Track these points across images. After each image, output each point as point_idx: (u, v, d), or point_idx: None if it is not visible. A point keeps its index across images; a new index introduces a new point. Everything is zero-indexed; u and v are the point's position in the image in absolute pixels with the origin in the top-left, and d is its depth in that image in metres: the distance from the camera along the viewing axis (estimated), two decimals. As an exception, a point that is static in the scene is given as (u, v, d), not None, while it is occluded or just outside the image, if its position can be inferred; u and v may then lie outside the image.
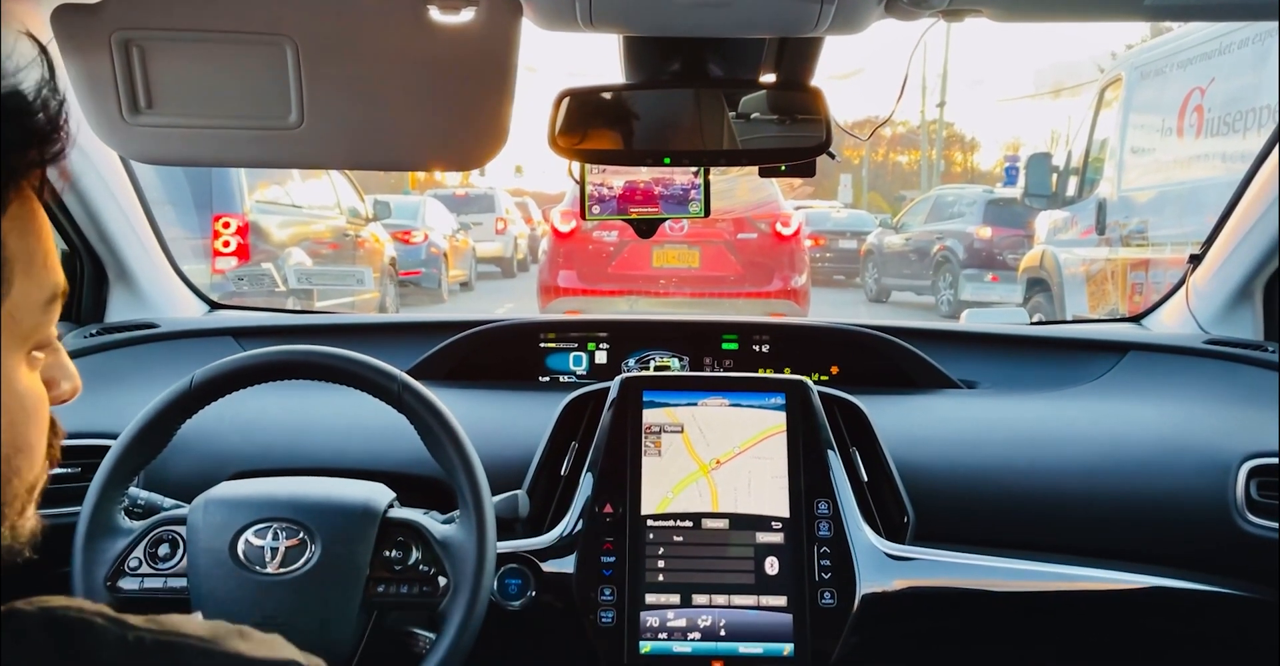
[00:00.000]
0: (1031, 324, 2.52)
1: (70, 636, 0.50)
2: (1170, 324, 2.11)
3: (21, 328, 0.58)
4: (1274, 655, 1.56)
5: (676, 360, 1.97)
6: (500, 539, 1.32)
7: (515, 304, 12.11)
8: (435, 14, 1.23)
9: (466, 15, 1.24)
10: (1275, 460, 1.56)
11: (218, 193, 6.50)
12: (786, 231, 8.22)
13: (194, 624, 0.56)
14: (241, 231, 6.55)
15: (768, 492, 1.49)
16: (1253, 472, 1.56)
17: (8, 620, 0.50)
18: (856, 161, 34.13)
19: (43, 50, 0.58)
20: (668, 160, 1.46)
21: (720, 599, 1.43)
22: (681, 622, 1.42)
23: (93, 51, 1.20)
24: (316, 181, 8.23)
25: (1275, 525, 1.53)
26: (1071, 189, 7.51)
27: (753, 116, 1.52)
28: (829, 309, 11.48)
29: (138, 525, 1.30)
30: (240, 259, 6.56)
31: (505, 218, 17.54)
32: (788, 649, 1.40)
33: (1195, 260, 2.05)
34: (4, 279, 0.55)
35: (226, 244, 6.46)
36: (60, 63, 1.24)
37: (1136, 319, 2.23)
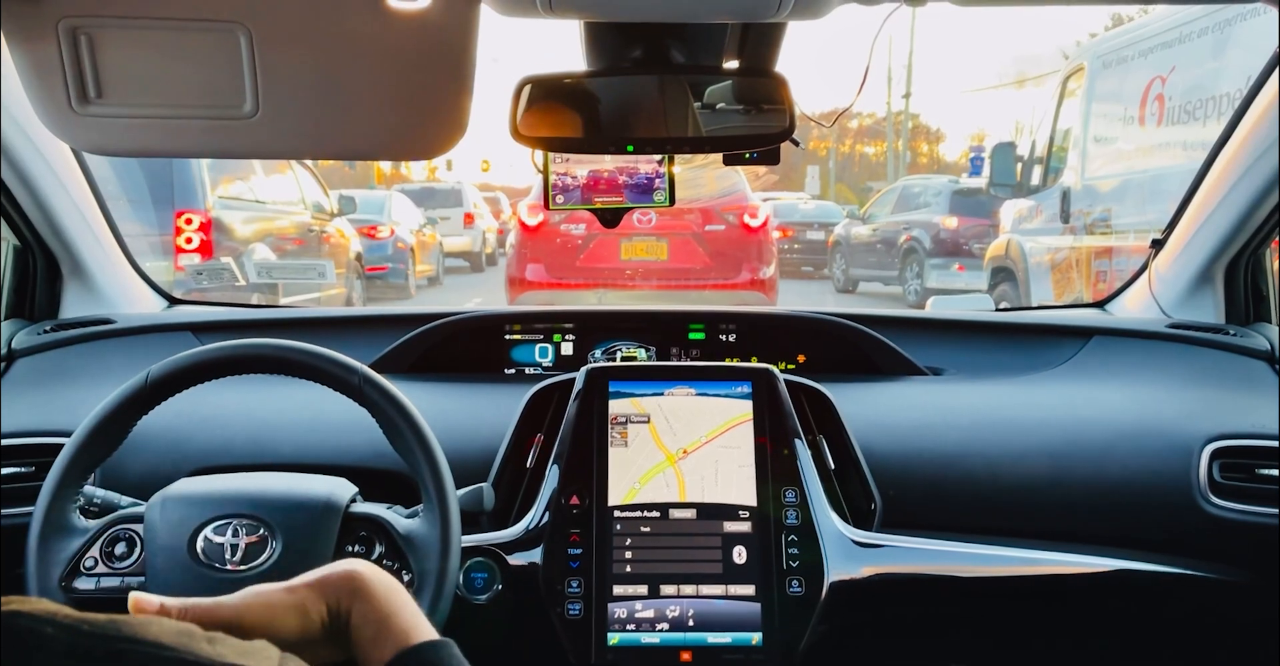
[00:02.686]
0: (997, 310, 2.53)
1: (15, 647, 0.49)
2: (1133, 309, 2.12)
3: None
4: (1238, 634, 1.58)
5: (643, 350, 1.96)
6: (465, 532, 1.31)
7: (483, 298, 12.05)
8: (392, 0, 1.21)
9: (424, 2, 1.22)
10: (1238, 442, 1.58)
11: (179, 188, 6.41)
12: (754, 223, 8.24)
13: (159, 626, 0.53)
14: (204, 227, 6.47)
15: (735, 482, 1.48)
16: (1215, 454, 1.57)
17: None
18: (823, 153, 34.29)
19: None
20: (631, 148, 1.45)
21: (688, 589, 1.42)
22: (649, 613, 1.41)
23: (39, 39, 1.17)
24: (280, 176, 8.14)
25: (1238, 506, 1.55)
26: (1036, 178, 7.58)
27: (718, 107, 1.51)
28: (798, 300, 11.50)
29: (93, 524, 1.27)
30: (203, 255, 6.48)
31: (473, 212, 17.50)
32: (756, 638, 1.40)
33: (1157, 245, 2.06)
34: None
35: (189, 240, 6.38)
36: (5, 51, 1.21)
37: (1101, 304, 2.24)
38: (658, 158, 1.55)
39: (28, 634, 0.49)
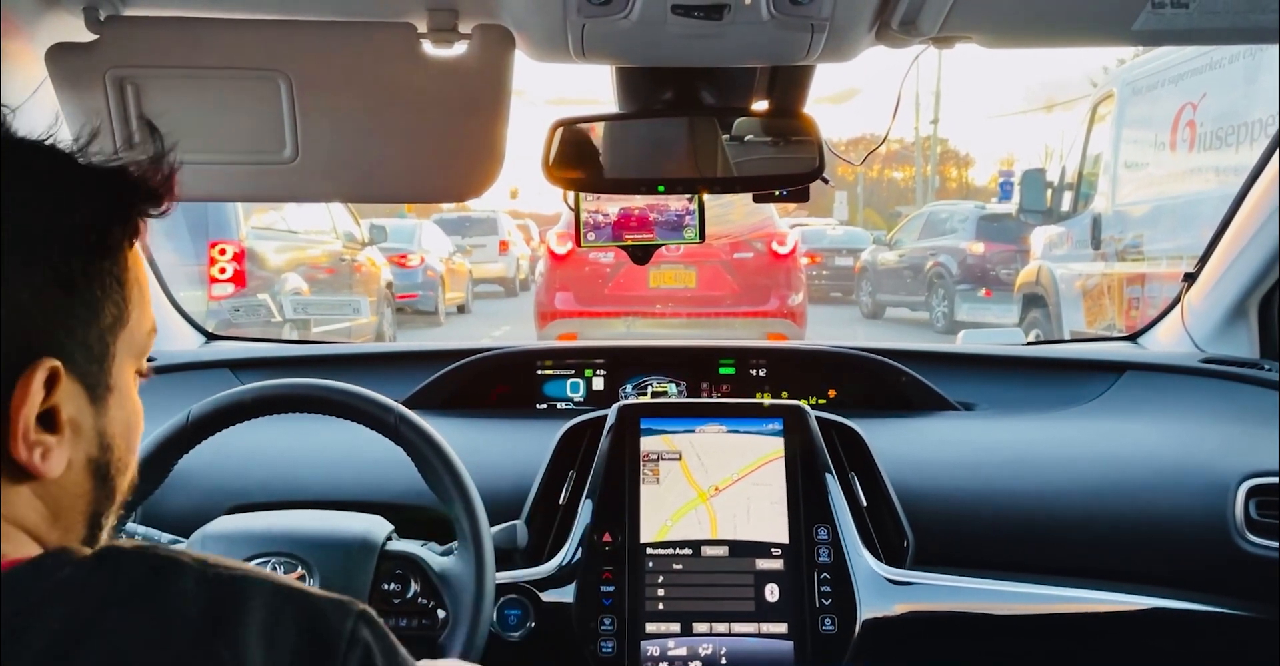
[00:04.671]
0: (1028, 344, 2.52)
1: (160, 569, 0.61)
2: (1166, 342, 2.11)
3: (135, 348, 0.71)
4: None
5: (674, 385, 1.97)
6: (499, 569, 1.32)
7: (511, 327, 12.11)
8: (428, 48, 1.24)
9: (459, 48, 1.25)
10: (1274, 479, 1.56)
11: (213, 219, 6.51)
12: (782, 250, 8.24)
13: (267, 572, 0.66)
14: (238, 258, 6.56)
15: (767, 519, 1.48)
16: (1251, 492, 1.56)
17: (108, 556, 0.61)
18: (852, 179, 34.28)
19: (152, 128, 0.72)
20: (662, 188, 1.47)
21: (721, 627, 1.43)
22: (682, 651, 1.41)
23: (88, 89, 1.21)
24: (312, 206, 8.24)
25: (1275, 544, 1.53)
26: (1066, 204, 7.55)
27: (746, 139, 1.52)
28: (825, 326, 11.48)
29: (135, 561, 1.29)
30: (236, 285, 6.56)
31: (508, 240, 18.13)
32: (789, 676, 1.40)
33: (1190, 279, 2.05)
34: (128, 307, 0.69)
35: (223, 270, 6.47)
36: (56, 100, 1.24)
37: (1133, 337, 2.23)
38: (688, 195, 1.57)
39: (168, 561, 0.62)
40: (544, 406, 1.97)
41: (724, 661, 1.41)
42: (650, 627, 1.42)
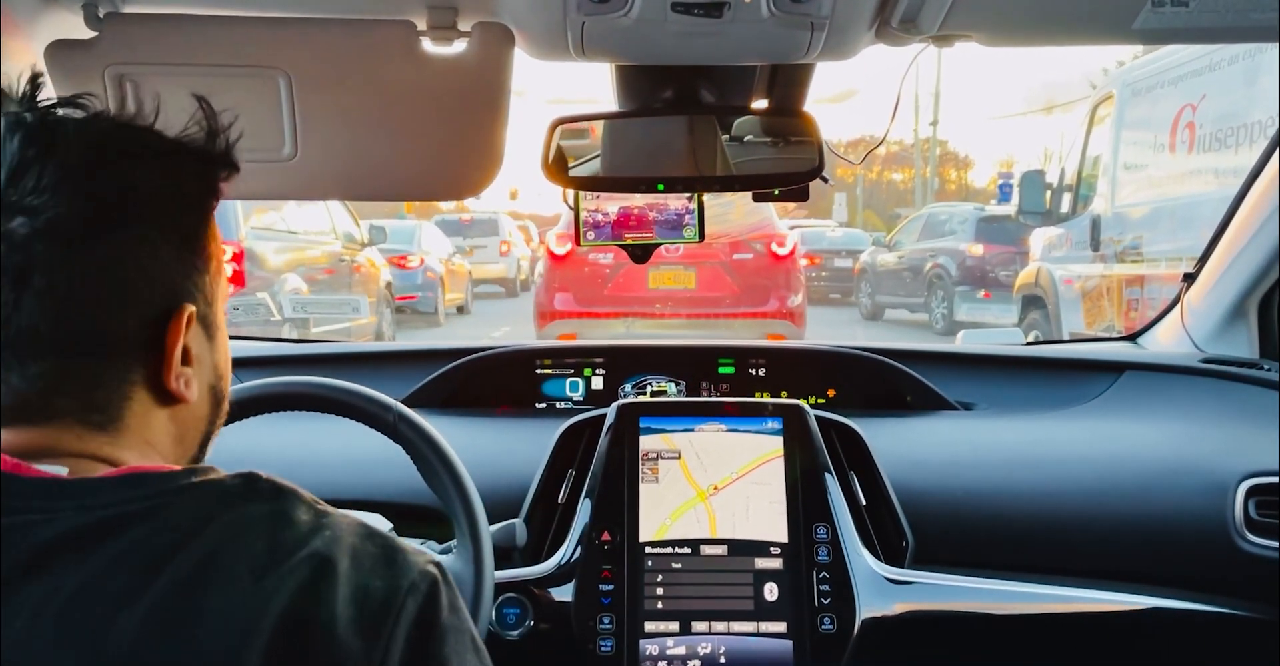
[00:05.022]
0: (1027, 344, 2.52)
1: (286, 495, 0.73)
2: (1166, 342, 2.11)
3: (223, 292, 0.82)
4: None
5: (673, 384, 1.97)
6: (498, 568, 1.31)
7: (511, 327, 12.11)
8: (428, 45, 1.24)
9: (459, 46, 1.25)
10: (1274, 479, 1.56)
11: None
12: (782, 251, 8.24)
13: None
14: (237, 258, 6.55)
15: (766, 518, 1.48)
16: (1251, 491, 1.56)
17: (246, 478, 0.72)
18: (851, 180, 34.27)
19: (205, 105, 0.78)
20: (661, 187, 1.46)
21: (720, 626, 1.42)
22: (681, 650, 1.41)
23: (87, 85, 1.21)
24: (312, 207, 8.24)
25: (1274, 544, 1.53)
26: (1065, 206, 7.54)
27: (746, 139, 1.52)
28: (824, 327, 11.49)
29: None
30: (236, 286, 6.55)
31: (509, 241, 18.26)
32: (788, 675, 1.39)
33: (1189, 279, 2.05)
34: (219, 257, 0.81)
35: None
36: (55, 97, 1.24)
37: (1132, 338, 2.23)
38: (687, 194, 1.57)
39: (290, 490, 0.74)
40: (543, 405, 1.97)
41: (723, 660, 1.41)
42: (649, 626, 1.42)
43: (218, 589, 0.65)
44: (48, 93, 0.74)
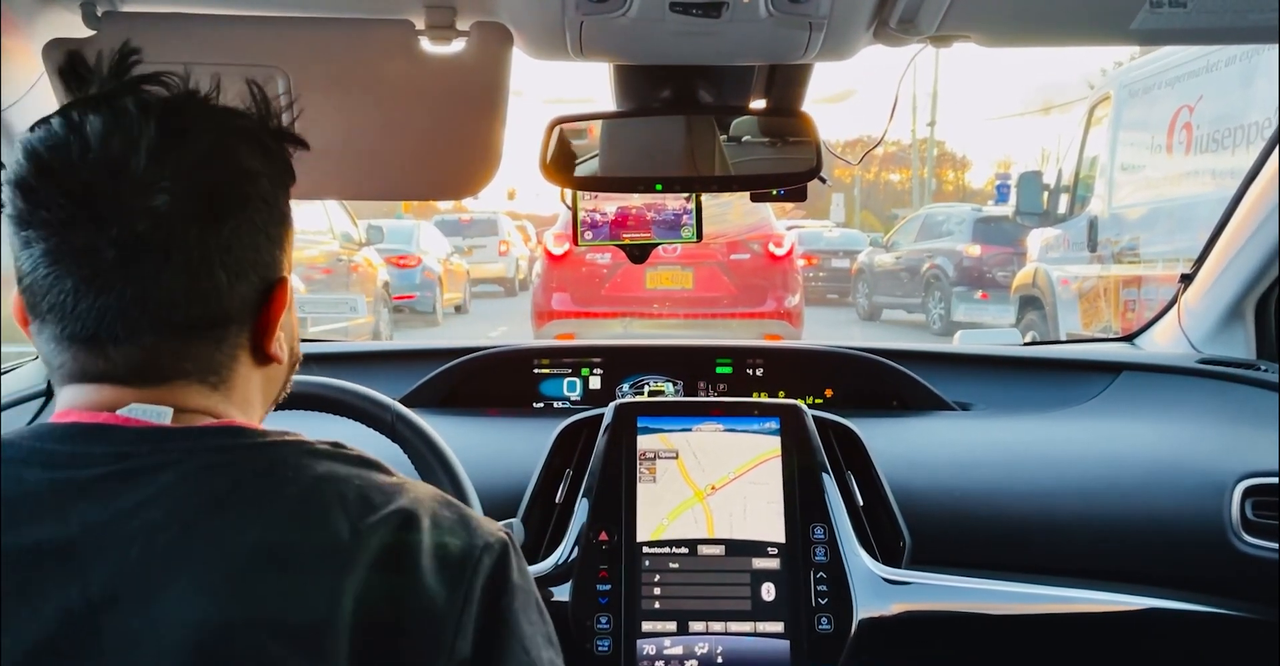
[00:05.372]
0: (1025, 344, 2.53)
1: (371, 462, 0.80)
2: (1163, 343, 2.11)
3: (290, 262, 0.85)
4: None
5: (671, 384, 1.97)
6: (496, 567, 1.31)
7: (508, 327, 12.10)
8: (426, 45, 1.24)
9: (457, 46, 1.25)
10: (1270, 480, 1.56)
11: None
12: (779, 252, 8.24)
13: None
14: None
15: (763, 518, 1.48)
16: (1248, 492, 1.56)
17: (335, 444, 0.80)
18: (849, 181, 34.28)
19: (254, 86, 0.82)
20: (659, 187, 1.47)
21: (717, 626, 1.42)
22: (678, 650, 1.41)
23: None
24: (309, 207, 8.24)
25: (1271, 545, 1.53)
26: (1063, 206, 7.55)
27: (744, 139, 1.52)
28: (821, 327, 11.48)
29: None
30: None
31: (508, 241, 18.43)
32: (785, 675, 1.39)
33: (1186, 279, 2.05)
34: (291, 231, 0.85)
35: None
36: (54, 96, 1.24)
37: (1129, 338, 2.24)
38: (685, 194, 1.57)
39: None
40: (541, 405, 1.97)
41: (720, 660, 1.41)
42: (646, 626, 1.42)
43: (317, 527, 0.71)
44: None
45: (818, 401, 1.93)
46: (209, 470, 0.73)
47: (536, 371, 1.97)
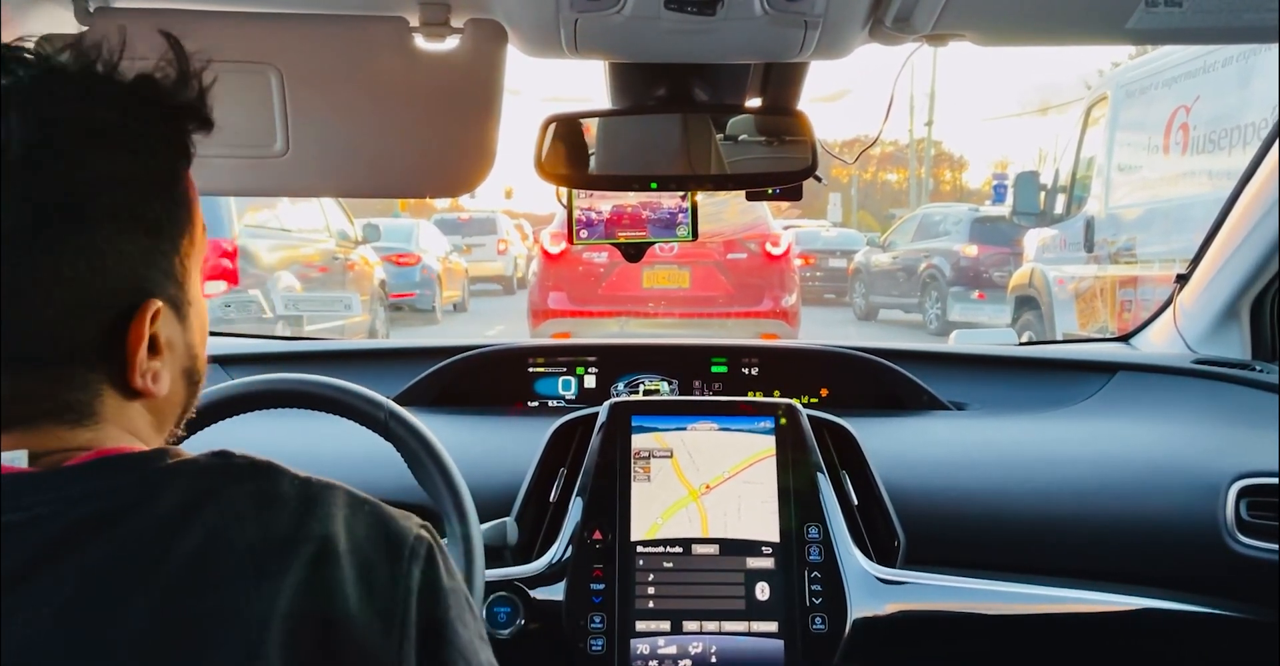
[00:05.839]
0: (1020, 344, 2.52)
1: (264, 471, 0.70)
2: (1158, 343, 2.11)
3: (200, 256, 0.76)
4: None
5: (666, 383, 1.96)
6: (489, 566, 1.31)
7: (506, 326, 12.10)
8: (420, 42, 1.24)
9: (451, 43, 1.24)
10: (1266, 480, 1.56)
11: (206, 217, 6.46)
12: (776, 251, 8.25)
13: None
14: (230, 256, 6.55)
15: (758, 517, 1.48)
16: (1243, 492, 1.56)
17: (220, 457, 0.70)
18: (846, 180, 34.28)
19: (173, 43, 0.72)
20: (655, 185, 1.46)
21: (711, 625, 1.42)
22: (672, 649, 1.41)
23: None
24: (306, 205, 8.24)
25: (1266, 545, 1.53)
26: (1060, 207, 7.56)
27: (740, 137, 1.52)
28: (818, 327, 11.49)
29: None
30: (230, 283, 6.54)
31: (506, 239, 18.63)
32: (779, 675, 1.39)
33: (1182, 280, 2.05)
34: (195, 227, 0.75)
35: (215, 268, 6.46)
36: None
37: (1125, 338, 2.23)
38: (681, 193, 1.56)
39: (269, 465, 0.71)
40: (535, 404, 1.97)
41: (714, 660, 1.41)
42: (640, 625, 1.42)
43: (220, 583, 0.63)
44: None
45: (813, 401, 1.93)
46: (83, 528, 0.62)
47: (531, 370, 1.97)
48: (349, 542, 0.68)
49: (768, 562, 1.45)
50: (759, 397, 1.86)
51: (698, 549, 1.46)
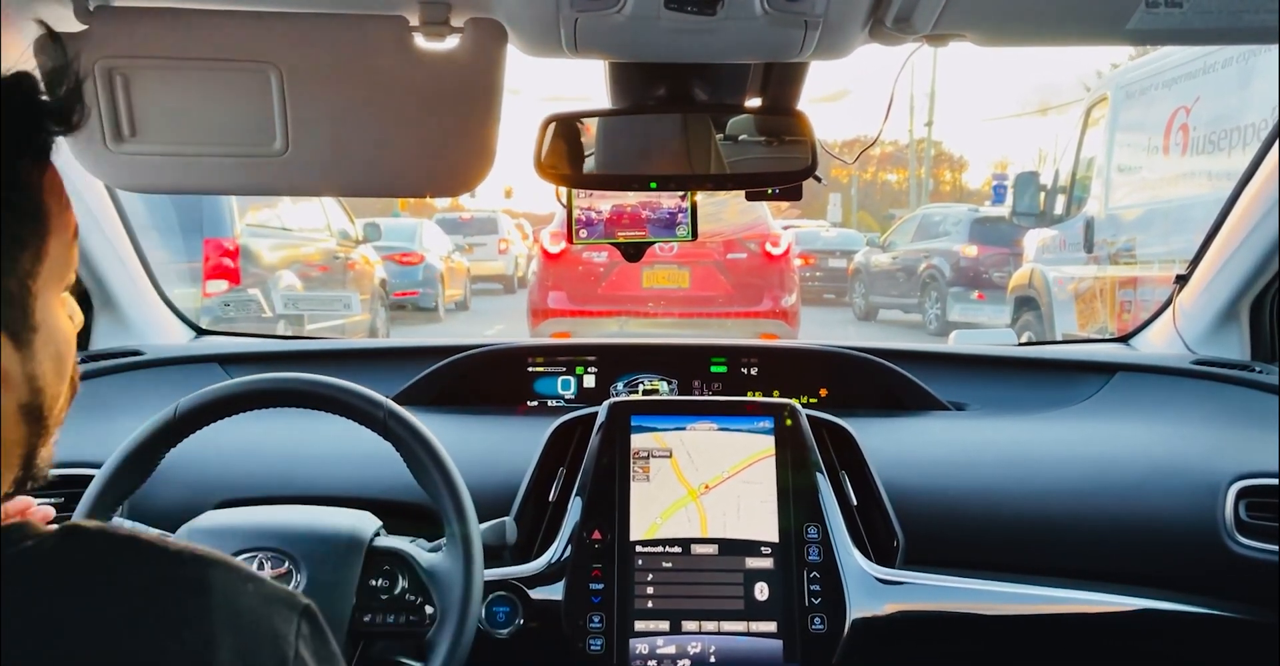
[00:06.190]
0: (1020, 345, 2.52)
1: (122, 546, 0.61)
2: (1158, 344, 2.11)
3: (59, 272, 0.66)
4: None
5: (665, 383, 1.96)
6: (488, 566, 1.31)
7: (506, 324, 12.11)
8: (420, 41, 1.24)
9: (451, 42, 1.24)
10: (1265, 481, 1.56)
11: (208, 217, 6.51)
12: (776, 251, 8.24)
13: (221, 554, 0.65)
14: (232, 255, 6.55)
15: (757, 517, 1.48)
16: (1242, 493, 1.56)
17: (70, 532, 0.60)
18: (845, 181, 34.27)
19: (51, 33, 0.67)
20: (654, 185, 1.46)
21: (710, 625, 1.42)
22: (671, 649, 1.41)
23: (76, 80, 1.20)
24: (307, 204, 8.24)
25: (1265, 546, 1.53)
26: (1059, 207, 7.55)
27: (740, 137, 1.52)
28: (818, 327, 11.48)
29: (121, 555, 1.28)
30: (231, 282, 6.55)
31: (507, 239, 18.73)
32: (778, 675, 1.39)
33: (1181, 281, 2.05)
34: (48, 239, 0.63)
35: (217, 267, 6.46)
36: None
37: (1124, 339, 2.23)
38: (680, 193, 1.56)
39: (128, 539, 0.62)
40: (535, 403, 1.96)
41: (713, 660, 1.41)
42: (639, 625, 1.42)
43: None
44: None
45: (812, 401, 1.93)
46: None
47: (530, 370, 1.97)
48: (231, 633, 0.59)
49: (767, 562, 1.45)
50: (758, 398, 1.85)
51: (697, 549, 1.46)
